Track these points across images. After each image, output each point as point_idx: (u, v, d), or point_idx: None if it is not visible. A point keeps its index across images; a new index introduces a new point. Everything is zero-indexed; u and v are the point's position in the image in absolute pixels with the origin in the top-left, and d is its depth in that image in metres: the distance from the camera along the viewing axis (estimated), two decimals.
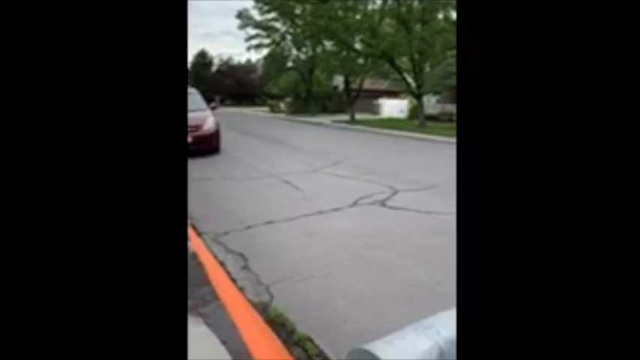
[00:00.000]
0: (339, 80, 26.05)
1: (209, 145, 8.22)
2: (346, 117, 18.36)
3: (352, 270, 3.06)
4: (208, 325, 2.34)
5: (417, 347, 0.81)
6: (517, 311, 0.72)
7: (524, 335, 0.72)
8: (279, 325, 2.31)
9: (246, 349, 2.04)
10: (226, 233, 3.83)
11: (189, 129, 8.07)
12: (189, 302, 2.57)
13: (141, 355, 0.88)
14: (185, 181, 1.09)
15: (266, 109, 30.89)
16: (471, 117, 0.78)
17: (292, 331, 2.25)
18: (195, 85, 16.23)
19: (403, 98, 22.80)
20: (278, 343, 2.16)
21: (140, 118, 0.98)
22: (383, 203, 4.90)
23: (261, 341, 2.20)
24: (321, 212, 4.47)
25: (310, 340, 2.16)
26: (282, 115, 25.65)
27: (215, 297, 2.60)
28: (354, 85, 22.14)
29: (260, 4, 26.90)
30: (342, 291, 2.73)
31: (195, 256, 3.21)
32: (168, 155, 0.99)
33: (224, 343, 2.12)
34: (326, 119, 18.65)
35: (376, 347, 0.78)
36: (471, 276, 0.75)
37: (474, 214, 0.76)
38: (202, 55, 38.76)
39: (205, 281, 2.78)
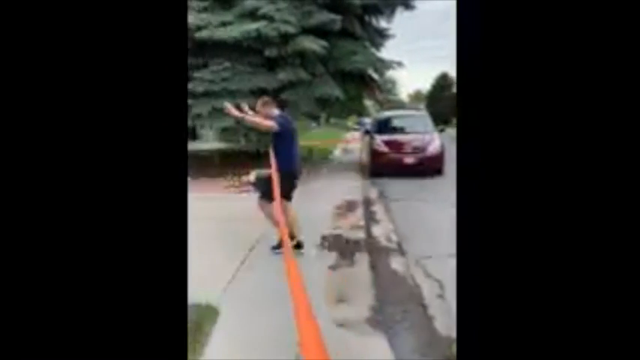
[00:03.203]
0: None
1: (432, 167, 8.26)
2: None
3: None
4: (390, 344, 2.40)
5: None
6: (516, 313, 0.72)
7: (524, 337, 0.71)
8: None
9: None
10: (429, 257, 3.80)
11: (413, 150, 8.33)
12: (380, 317, 2.69)
13: (141, 354, 0.88)
14: (185, 183, 1.06)
15: None
16: (471, 118, 0.77)
17: None
18: (433, 106, 16.42)
19: None
20: None
21: (141, 120, 0.95)
22: None
23: None
24: None
25: None
26: None
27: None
28: None
29: None
30: None
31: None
32: (168, 157, 0.96)
33: None
34: None
35: None
36: (471, 277, 0.74)
37: (474, 216, 0.75)
38: (444, 78, 39.27)
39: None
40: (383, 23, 10.40)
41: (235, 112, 3.67)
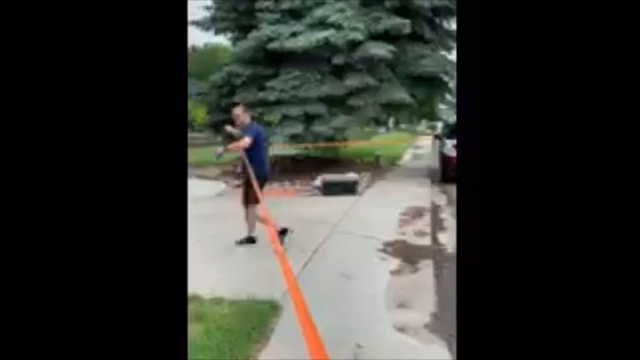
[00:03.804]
0: None
1: None
2: None
3: None
4: (450, 350, 2.36)
5: None
6: (516, 313, 0.72)
7: (523, 337, 0.71)
8: None
9: None
10: None
11: None
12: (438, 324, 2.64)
13: (142, 354, 0.87)
14: (185, 183, 1.05)
15: None
16: (471, 118, 0.78)
17: None
18: None
19: None
20: None
21: (142, 120, 0.94)
22: None
23: None
24: None
25: None
26: None
27: None
28: None
29: None
30: None
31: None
32: (168, 155, 0.95)
33: None
34: None
35: None
36: (471, 277, 0.75)
37: (474, 217, 0.75)
38: None
39: None
40: (454, 25, 10.11)
41: (220, 150, 4.21)
